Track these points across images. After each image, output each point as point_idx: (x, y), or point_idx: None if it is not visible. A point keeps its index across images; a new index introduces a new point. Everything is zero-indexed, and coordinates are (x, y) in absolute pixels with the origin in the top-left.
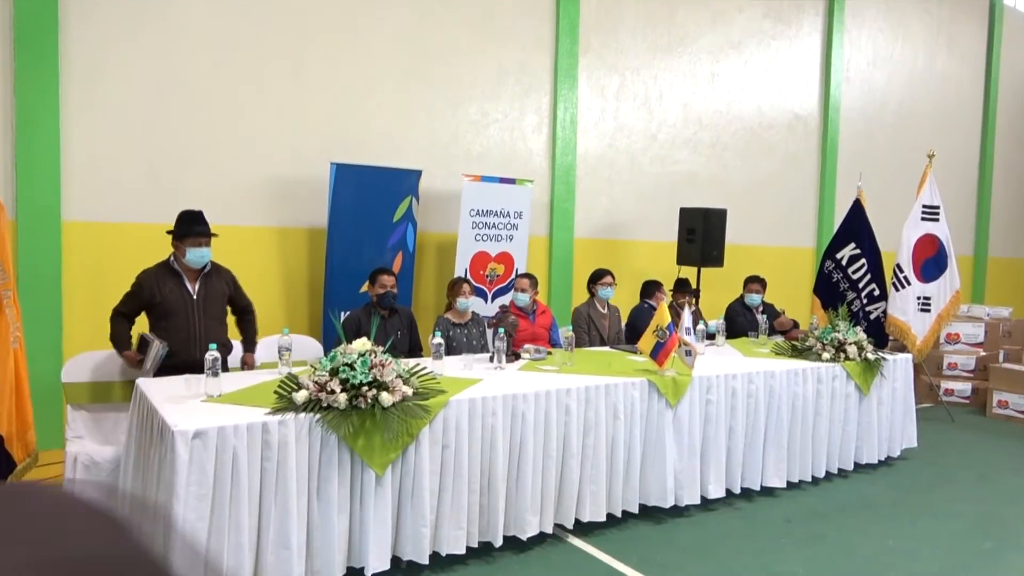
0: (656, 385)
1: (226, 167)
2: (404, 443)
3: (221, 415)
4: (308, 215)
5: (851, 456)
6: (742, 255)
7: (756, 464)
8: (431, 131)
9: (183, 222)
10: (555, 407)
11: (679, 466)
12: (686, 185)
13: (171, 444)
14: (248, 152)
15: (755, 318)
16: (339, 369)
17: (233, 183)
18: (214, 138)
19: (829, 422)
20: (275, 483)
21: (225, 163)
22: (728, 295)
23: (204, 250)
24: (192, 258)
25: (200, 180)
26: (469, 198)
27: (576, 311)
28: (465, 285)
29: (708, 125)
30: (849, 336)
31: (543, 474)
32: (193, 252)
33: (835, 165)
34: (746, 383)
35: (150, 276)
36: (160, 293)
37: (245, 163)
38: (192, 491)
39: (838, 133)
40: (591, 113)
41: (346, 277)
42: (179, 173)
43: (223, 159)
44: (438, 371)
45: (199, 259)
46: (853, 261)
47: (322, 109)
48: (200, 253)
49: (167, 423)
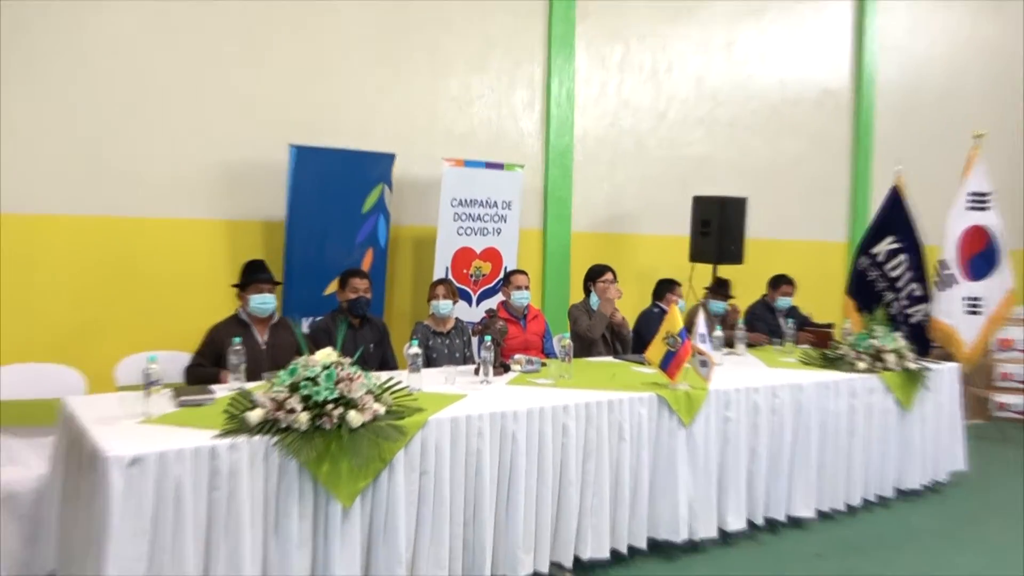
0: (667, 401)
1: (169, 153)
2: (375, 470)
3: (162, 438)
4: (263, 206)
5: (891, 481)
6: (764, 251)
7: (782, 491)
8: (406, 109)
9: (245, 272)
10: (550, 427)
11: (693, 494)
12: (700, 170)
13: (103, 472)
14: (194, 135)
15: (778, 322)
16: (300, 384)
17: (176, 171)
18: (156, 121)
19: (865, 442)
20: (225, 517)
21: (168, 149)
22: (747, 296)
23: (266, 296)
24: (256, 305)
25: (140, 168)
26: (450, 186)
27: (572, 311)
28: (442, 287)
29: (725, 101)
30: (887, 343)
31: (537, 504)
32: (255, 299)
33: (870, 146)
34: (770, 398)
35: (220, 329)
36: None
37: (191, 148)
38: (128, 526)
39: (873, 110)
40: (590, 87)
41: (308, 278)
42: (114, 161)
43: (165, 144)
44: (415, 386)
45: (262, 306)
46: (891, 257)
47: (280, 83)
48: (262, 299)
49: (99, 448)
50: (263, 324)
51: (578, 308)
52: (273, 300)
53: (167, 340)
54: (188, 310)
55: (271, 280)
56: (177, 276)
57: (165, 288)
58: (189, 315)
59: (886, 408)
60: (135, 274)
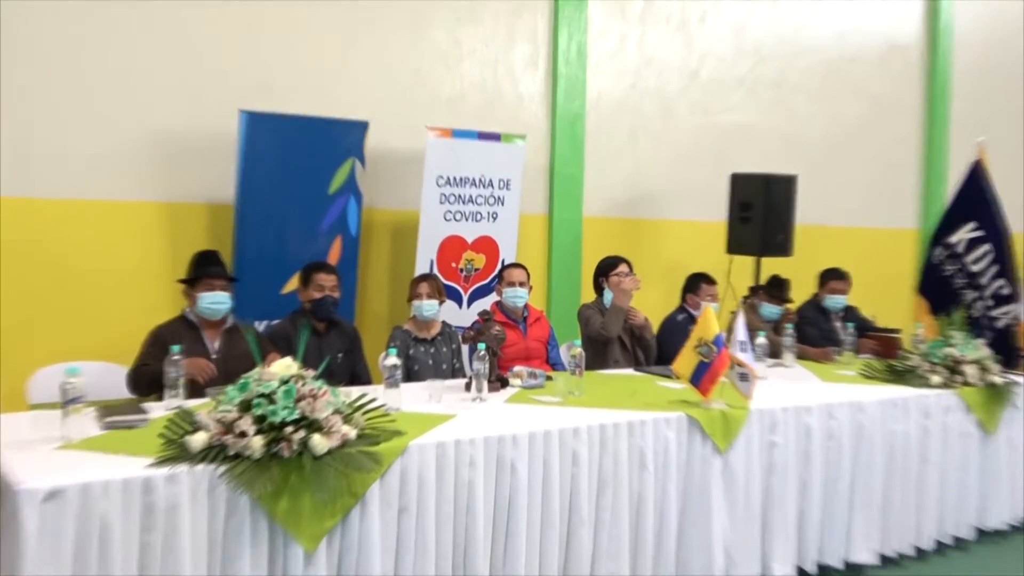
0: (699, 423)
1: (93, 122)
2: (345, 506)
3: (84, 468)
4: (208, 185)
5: (970, 519)
6: (817, 240)
7: (838, 532)
8: (382, 67)
9: (195, 265)
10: (557, 454)
11: (731, 535)
12: (739, 142)
13: (14, 509)
14: (124, 101)
15: (833, 327)
16: (253, 402)
17: (103, 143)
18: (78, 85)
19: (940, 472)
20: (160, 563)
21: (92, 116)
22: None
23: (219, 295)
24: (207, 306)
25: (59, 140)
26: (436, 161)
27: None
28: (426, 284)
29: (769, 57)
30: (968, 352)
31: (541, 548)
32: (207, 298)
33: (946, 114)
34: (825, 419)
35: (165, 330)
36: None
37: (119, 115)
38: (44, 572)
39: (950, 69)
40: (606, 42)
41: (262, 273)
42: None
43: (89, 111)
44: (393, 404)
45: (215, 306)
46: (973, 247)
47: (227, 36)
48: (215, 299)
49: (7, 479)
50: (215, 329)
51: (590, 308)
52: (228, 300)
53: (90, 349)
54: (116, 312)
55: (226, 275)
56: (103, 271)
57: (88, 285)
58: (117, 318)
59: (965, 431)
60: (52, 268)
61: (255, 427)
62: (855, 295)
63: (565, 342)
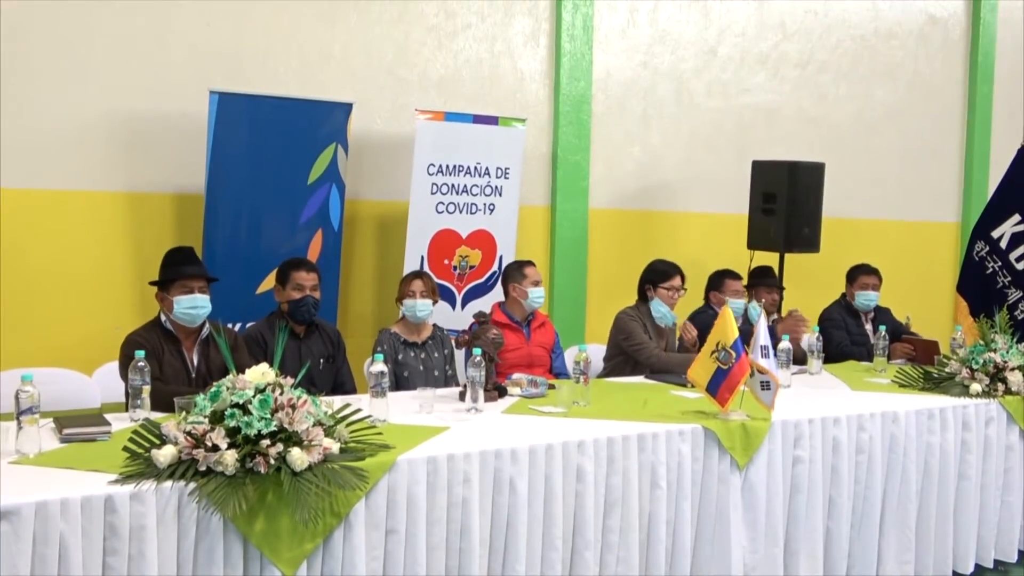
0: (716, 435)
1: (50, 105)
2: (327, 527)
3: (40, 484)
4: (176, 174)
5: (1015, 540)
6: (846, 234)
7: (869, 554)
8: (366, 43)
9: (167, 263)
10: (560, 470)
11: (750, 559)
12: (761, 126)
13: None
14: (82, 82)
15: (864, 330)
16: (226, 413)
17: (61, 128)
18: (32, 65)
19: (980, 489)
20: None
21: (48, 99)
22: (824, 296)
23: (197, 297)
24: (183, 311)
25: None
26: (427, 147)
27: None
28: (418, 281)
29: (795, 34)
30: (1012, 358)
31: (542, 573)
32: (183, 302)
33: (990, 96)
34: (854, 431)
35: (143, 336)
36: (158, 362)
37: (77, 97)
38: None
39: (994, 47)
40: (615, 16)
41: (235, 270)
42: None
43: (45, 93)
44: (380, 415)
45: (192, 311)
46: (1018, 242)
47: (199, 8)
48: (192, 302)
49: None
50: (191, 337)
51: (630, 315)
52: (207, 304)
53: (47, 353)
54: (74, 314)
55: (204, 275)
56: (59, 269)
57: (43, 284)
58: (75, 321)
59: (1009, 444)
60: (4, 264)
61: (228, 440)
62: (887, 296)
63: (569, 347)
